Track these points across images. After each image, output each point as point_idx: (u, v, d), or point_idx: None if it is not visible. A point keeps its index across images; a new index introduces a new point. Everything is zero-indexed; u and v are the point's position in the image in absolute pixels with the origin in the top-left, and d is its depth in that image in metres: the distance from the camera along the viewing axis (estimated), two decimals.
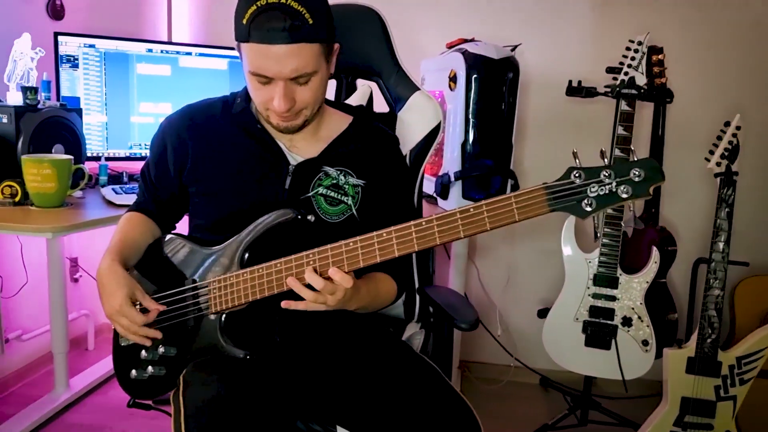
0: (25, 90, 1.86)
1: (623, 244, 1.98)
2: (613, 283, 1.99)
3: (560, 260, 2.04)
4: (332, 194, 1.26)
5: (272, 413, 1.13)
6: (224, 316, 1.21)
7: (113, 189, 1.99)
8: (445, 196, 2.06)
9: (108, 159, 2.24)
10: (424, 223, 1.03)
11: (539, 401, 2.56)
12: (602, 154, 0.98)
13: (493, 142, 2.00)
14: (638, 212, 2.22)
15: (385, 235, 1.06)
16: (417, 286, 1.59)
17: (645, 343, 2.00)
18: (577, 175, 0.97)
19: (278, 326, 1.25)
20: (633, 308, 2.00)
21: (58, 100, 2.10)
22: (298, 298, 1.09)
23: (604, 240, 1.96)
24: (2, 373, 2.24)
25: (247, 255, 1.20)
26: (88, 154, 2.17)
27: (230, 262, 1.20)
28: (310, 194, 1.25)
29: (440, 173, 2.08)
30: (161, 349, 1.25)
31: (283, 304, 1.10)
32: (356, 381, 1.20)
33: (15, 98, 1.93)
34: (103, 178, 2.11)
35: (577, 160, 0.99)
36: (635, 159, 0.96)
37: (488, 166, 1.99)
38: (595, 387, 2.49)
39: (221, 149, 1.27)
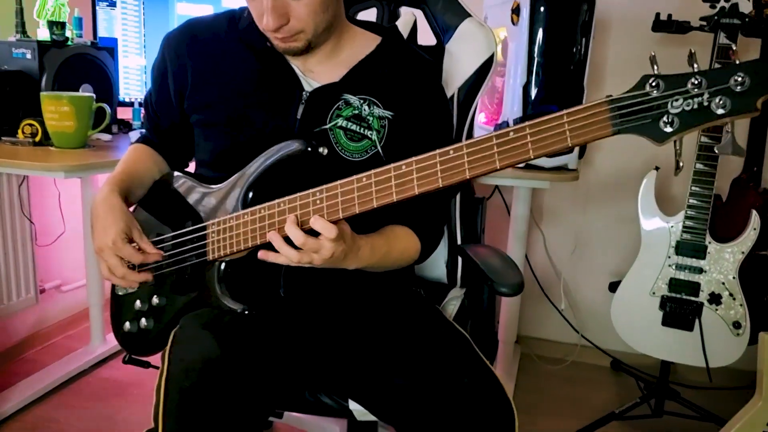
0: (51, 25, 1.75)
1: (715, 208, 1.67)
2: (701, 252, 1.69)
3: (637, 230, 1.76)
4: (353, 127, 1.05)
5: (274, 380, 0.96)
6: (223, 264, 1.04)
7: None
8: None
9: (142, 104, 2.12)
10: (451, 151, 0.82)
11: (608, 386, 2.29)
12: (691, 57, 0.72)
13: (561, 85, 1.72)
14: (737, 170, 1.89)
15: (404, 167, 0.85)
16: (459, 243, 1.37)
17: (736, 325, 1.70)
18: (653, 84, 0.72)
19: (283, 278, 1.06)
20: (723, 283, 1.69)
21: (94, 39, 1.99)
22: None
23: (690, 200, 1.66)
24: (40, 323, 2.20)
25: (251, 194, 1.02)
26: (126, 99, 2.06)
27: (232, 202, 1.03)
28: (326, 126, 1.05)
29: (499, 122, 1.83)
30: (155, 300, 1.11)
31: (260, 254, 0.92)
32: (372, 348, 1.02)
33: (44, 36, 1.82)
34: (137, 123, 2.00)
35: (655, 67, 0.74)
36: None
37: (552, 111, 1.71)
38: (673, 374, 2.20)
39: (224, 72, 1.09)
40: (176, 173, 1.14)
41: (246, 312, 1.01)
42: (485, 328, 1.24)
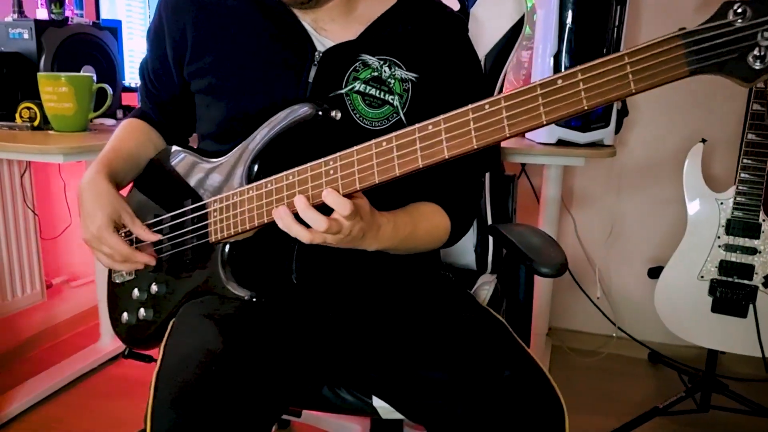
0: (50, 2, 1.65)
1: None
2: (754, 230, 1.55)
3: (676, 212, 1.62)
4: (373, 91, 0.93)
5: (285, 374, 0.85)
6: (227, 246, 0.93)
7: None
8: None
9: None
10: (486, 106, 0.69)
11: (647, 379, 2.15)
12: None
13: (594, 53, 1.58)
14: None
15: (431, 127, 0.72)
16: (490, 222, 1.25)
17: None
18: (739, 11, 0.59)
19: (296, 262, 0.95)
20: None
21: (97, 20, 1.89)
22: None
23: (741, 175, 1.52)
24: (48, 320, 2.11)
25: (256, 168, 0.91)
26: (132, 84, 1.96)
27: (237, 178, 0.92)
28: (342, 91, 0.93)
29: None
30: (154, 288, 1.01)
31: (274, 212, 0.81)
32: (398, 337, 0.90)
33: (44, 16, 1.73)
34: None
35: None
36: None
37: None
38: (719, 365, 2.04)
39: (228, 32, 0.97)
40: (174, 148, 1.03)
41: (254, 299, 0.90)
42: (522, 316, 1.11)
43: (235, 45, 0.96)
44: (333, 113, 0.89)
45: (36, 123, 1.54)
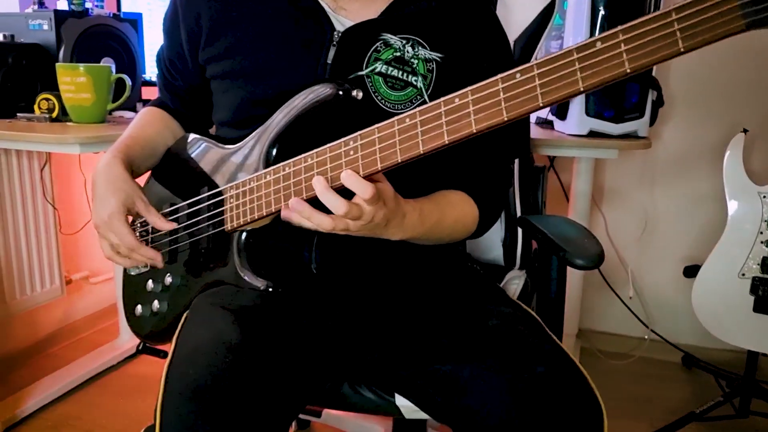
0: None
1: None
2: None
3: (713, 208, 1.54)
4: (395, 73, 0.88)
5: (303, 370, 0.80)
6: (244, 234, 0.88)
7: None
8: (562, 115, 1.61)
9: None
10: (518, 74, 0.64)
11: (681, 384, 2.06)
12: None
13: None
14: None
15: (457, 100, 0.67)
16: (519, 215, 1.19)
17: None
18: None
19: (316, 250, 0.90)
20: None
21: (118, 11, 1.87)
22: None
23: None
24: (68, 317, 2.09)
25: (275, 151, 0.87)
26: (152, 78, 1.94)
27: (254, 163, 0.88)
28: (363, 72, 0.88)
29: None
30: (168, 279, 0.97)
31: (283, 213, 0.76)
32: (423, 332, 0.85)
33: (64, 7, 1.71)
34: None
35: None
36: None
37: None
38: (758, 370, 1.95)
39: (243, 14, 0.94)
40: (192, 136, 0.99)
41: (270, 289, 0.85)
42: (554, 313, 1.05)
43: (250, 27, 0.92)
44: (354, 93, 0.84)
45: (54, 114, 1.52)
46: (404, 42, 0.89)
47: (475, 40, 0.92)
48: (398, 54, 0.88)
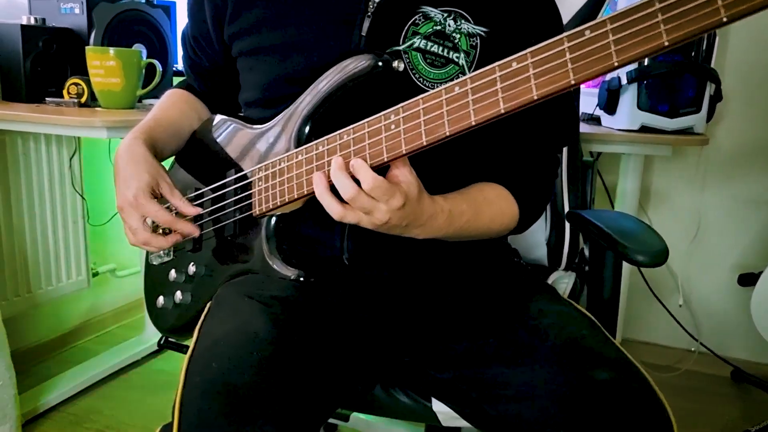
0: None
1: None
2: None
3: None
4: (435, 48, 0.80)
5: (334, 369, 0.73)
6: (273, 218, 0.82)
7: None
8: (612, 109, 1.51)
9: None
10: (587, 32, 0.56)
11: (730, 399, 1.94)
12: None
13: None
14: None
15: (515, 64, 0.60)
16: (567, 210, 1.10)
17: None
18: None
19: (348, 240, 0.82)
20: None
21: None
22: None
23: None
24: (94, 310, 2.06)
25: (307, 129, 0.80)
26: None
27: (285, 143, 0.81)
28: (400, 47, 0.81)
29: (607, 78, 1.53)
30: (192, 269, 0.91)
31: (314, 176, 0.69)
32: (466, 331, 0.77)
33: None
34: None
35: None
36: None
37: (676, 61, 1.41)
38: None
39: None
40: (218, 117, 0.94)
41: (302, 279, 0.78)
42: (607, 318, 0.96)
43: (279, 0, 0.86)
44: (395, 64, 0.77)
45: (83, 99, 1.48)
46: (446, 15, 0.81)
47: (523, 13, 0.84)
48: (439, 28, 0.81)
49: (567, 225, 1.15)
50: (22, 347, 1.81)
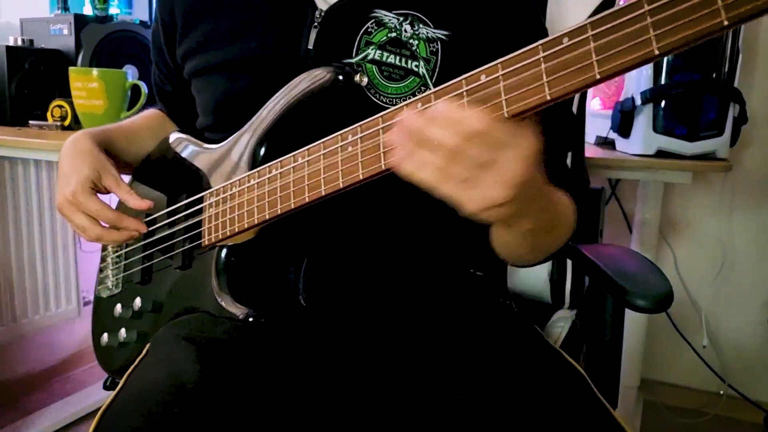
0: None
1: None
2: None
3: None
4: (391, 59, 0.72)
5: (279, 427, 0.63)
6: (224, 250, 0.73)
7: None
8: (626, 132, 1.40)
9: None
10: (565, 39, 0.49)
11: None
12: None
13: (704, 45, 1.31)
14: None
15: (485, 77, 0.52)
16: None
17: None
18: None
19: (304, 278, 0.73)
20: None
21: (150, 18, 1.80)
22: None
23: None
24: (85, 339, 1.99)
25: (263, 150, 0.72)
26: None
27: (241, 164, 0.73)
28: (353, 60, 0.72)
29: (621, 99, 1.42)
30: (137, 303, 0.82)
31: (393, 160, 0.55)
32: (435, 387, 0.66)
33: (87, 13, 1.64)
34: None
35: None
36: None
37: (695, 81, 1.30)
38: None
39: (216, 2, 0.81)
40: (173, 135, 0.86)
41: (250, 319, 0.69)
42: (607, 363, 0.84)
43: (225, 16, 0.79)
44: (357, 78, 0.68)
45: (67, 122, 1.43)
46: (401, 19, 0.72)
47: (491, 12, 0.73)
48: (394, 35, 0.72)
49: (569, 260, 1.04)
50: (10, 378, 1.75)
